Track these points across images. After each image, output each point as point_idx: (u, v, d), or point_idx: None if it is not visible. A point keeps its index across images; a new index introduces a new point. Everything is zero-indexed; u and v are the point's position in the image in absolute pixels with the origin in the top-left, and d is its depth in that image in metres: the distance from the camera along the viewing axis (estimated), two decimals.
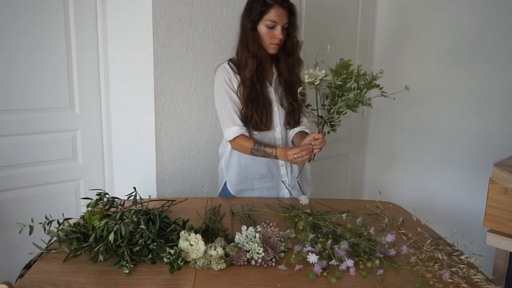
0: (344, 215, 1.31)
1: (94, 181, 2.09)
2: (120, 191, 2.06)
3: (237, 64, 1.65)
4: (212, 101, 1.91)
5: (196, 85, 2.01)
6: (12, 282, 1.00)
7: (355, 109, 1.42)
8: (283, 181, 1.76)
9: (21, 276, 1.09)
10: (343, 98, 1.40)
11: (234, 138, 1.63)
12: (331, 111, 1.44)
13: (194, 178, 2.08)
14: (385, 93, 1.39)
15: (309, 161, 1.61)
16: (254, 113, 1.61)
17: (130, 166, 2.08)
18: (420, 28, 2.69)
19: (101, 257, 1.11)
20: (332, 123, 1.51)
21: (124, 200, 1.33)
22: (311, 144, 1.53)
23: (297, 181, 1.77)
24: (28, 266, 1.13)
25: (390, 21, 2.86)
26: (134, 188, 1.34)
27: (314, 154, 1.58)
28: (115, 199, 1.28)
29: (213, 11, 1.99)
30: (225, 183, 1.78)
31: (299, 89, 1.51)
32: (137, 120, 2.00)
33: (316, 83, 1.40)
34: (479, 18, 2.42)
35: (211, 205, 1.54)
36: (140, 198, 1.34)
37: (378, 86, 1.40)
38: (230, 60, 1.68)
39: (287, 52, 1.64)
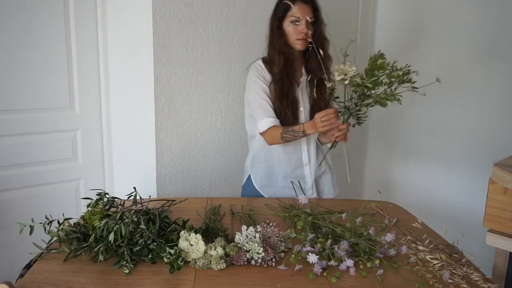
0: (344, 215, 1.31)
1: (94, 181, 2.09)
2: (120, 191, 2.06)
3: (268, 62, 1.69)
4: (213, 101, 1.93)
5: (196, 85, 2.01)
6: (12, 282, 1.00)
7: (385, 105, 1.40)
8: (292, 182, 1.76)
9: (21, 276, 1.09)
10: (373, 92, 1.39)
11: (267, 129, 1.65)
12: (358, 104, 1.43)
13: (194, 178, 2.08)
14: (417, 88, 1.37)
15: (331, 148, 1.64)
16: (287, 108, 1.65)
17: (130, 166, 2.08)
18: (420, 28, 2.69)
19: (101, 257, 1.11)
20: (358, 115, 1.49)
21: (124, 200, 1.33)
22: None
23: (291, 182, 1.76)
24: (28, 266, 1.13)
25: (390, 21, 2.86)
26: (134, 188, 1.34)
27: (336, 142, 1.59)
28: (115, 199, 1.28)
29: (213, 11, 1.99)
30: (249, 177, 1.81)
31: (328, 85, 1.49)
32: (137, 120, 2.00)
33: (346, 82, 1.38)
34: (479, 17, 2.42)
35: (211, 205, 1.54)
36: (140, 198, 1.34)
37: (410, 80, 1.38)
38: (263, 59, 1.72)
39: (316, 48, 1.64)
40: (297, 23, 1.60)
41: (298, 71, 1.71)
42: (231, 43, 2.07)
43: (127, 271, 1.07)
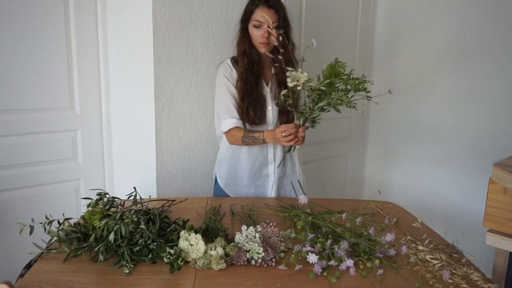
0: (344, 215, 1.31)
1: (94, 181, 2.09)
2: (120, 191, 2.06)
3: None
4: (213, 101, 1.91)
5: (196, 85, 2.01)
6: (13, 282, 1.00)
7: (339, 110, 1.41)
8: (291, 182, 1.80)
9: (21, 276, 1.09)
10: (326, 97, 1.40)
11: (229, 130, 1.67)
12: (314, 108, 1.44)
13: (194, 178, 2.08)
14: (370, 97, 1.39)
15: (288, 151, 1.66)
16: (249, 107, 1.66)
17: (130, 166, 2.08)
18: (420, 27, 2.69)
19: (101, 257, 1.11)
20: (313, 119, 1.51)
21: (124, 200, 1.33)
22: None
23: (291, 182, 1.81)
24: (28, 266, 1.13)
25: (390, 21, 2.86)
26: (134, 188, 1.34)
27: (295, 146, 1.61)
28: (115, 199, 1.29)
29: (213, 11, 1.99)
30: (216, 177, 1.84)
31: (282, 92, 1.50)
32: (137, 120, 2.00)
33: (298, 87, 1.40)
34: (479, 17, 2.42)
35: (211, 205, 1.54)
36: (140, 198, 1.34)
37: (365, 89, 1.40)
38: (232, 57, 1.74)
39: (278, 52, 1.65)
40: (259, 27, 1.61)
41: (267, 71, 1.71)
42: (231, 43, 2.07)
43: (127, 271, 1.07)
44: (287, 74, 1.42)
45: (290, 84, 1.40)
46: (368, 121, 3.05)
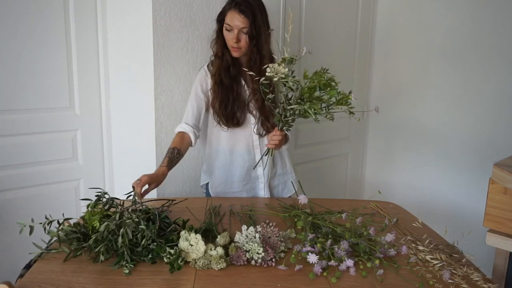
0: (344, 215, 1.31)
1: (94, 181, 2.09)
2: (120, 191, 2.06)
3: None
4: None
5: None
6: (12, 282, 1.00)
7: (310, 116, 1.37)
8: (292, 182, 1.81)
9: (21, 276, 1.09)
10: (302, 102, 1.36)
11: (177, 133, 1.64)
12: (286, 109, 1.41)
13: (194, 178, 2.07)
14: (353, 113, 1.37)
15: (265, 155, 1.61)
16: (225, 110, 1.63)
17: (130, 166, 2.08)
18: (419, 28, 2.69)
19: (102, 258, 1.11)
20: (286, 121, 1.46)
21: (123, 200, 1.33)
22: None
23: (292, 182, 1.82)
24: (28, 266, 1.13)
25: (390, 21, 2.86)
26: (133, 187, 1.34)
27: (273, 150, 1.58)
28: (115, 200, 1.28)
29: (213, 11, 1.99)
30: (207, 185, 1.82)
31: (261, 80, 1.36)
32: (137, 120, 2.00)
33: (275, 79, 1.34)
34: (478, 17, 2.42)
35: (211, 205, 1.54)
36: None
37: (349, 105, 1.37)
38: (211, 60, 1.71)
39: (249, 61, 1.62)
40: (229, 31, 1.57)
41: (245, 73, 1.65)
42: None
43: (127, 271, 1.07)
44: (269, 65, 1.35)
45: (268, 74, 1.34)
46: (368, 121, 3.05)
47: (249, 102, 1.67)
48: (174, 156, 1.55)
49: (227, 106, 1.63)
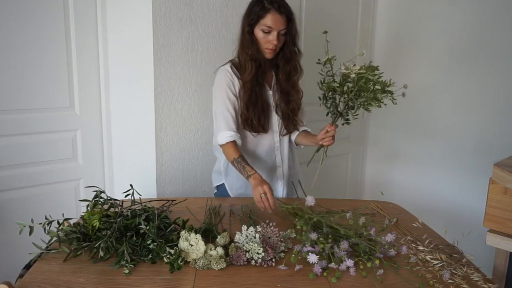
0: (348, 214, 1.31)
1: (94, 181, 2.09)
2: (120, 191, 2.05)
3: (238, 67, 1.64)
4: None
5: (196, 85, 2.01)
6: (12, 282, 1.00)
7: (373, 106, 1.47)
8: (292, 183, 1.79)
9: (21, 276, 1.09)
10: (365, 94, 1.46)
11: (227, 143, 1.59)
12: (350, 104, 1.48)
13: (194, 178, 2.08)
14: (395, 99, 1.46)
15: (317, 151, 1.64)
16: (253, 116, 1.61)
17: (130, 166, 2.08)
18: (420, 28, 2.69)
19: (101, 253, 1.11)
20: (347, 116, 1.53)
21: (123, 200, 1.33)
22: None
23: (292, 182, 1.81)
24: (28, 266, 1.13)
25: (390, 21, 2.86)
26: (131, 185, 1.34)
27: (326, 148, 1.59)
28: (115, 200, 1.28)
29: (213, 11, 1.99)
30: (223, 186, 1.77)
31: (326, 80, 1.47)
32: (137, 120, 2.00)
33: (351, 76, 1.43)
34: (480, 18, 2.42)
35: (211, 205, 1.54)
36: (139, 194, 1.34)
37: (391, 92, 1.46)
38: (232, 62, 1.67)
39: (285, 59, 1.63)
40: (268, 33, 1.55)
41: (268, 74, 1.68)
42: (231, 43, 2.07)
43: (127, 271, 1.07)
44: (341, 63, 1.44)
45: (342, 71, 1.44)
46: (368, 121, 3.05)
47: (276, 104, 1.68)
48: (248, 161, 1.56)
49: (260, 116, 1.62)
